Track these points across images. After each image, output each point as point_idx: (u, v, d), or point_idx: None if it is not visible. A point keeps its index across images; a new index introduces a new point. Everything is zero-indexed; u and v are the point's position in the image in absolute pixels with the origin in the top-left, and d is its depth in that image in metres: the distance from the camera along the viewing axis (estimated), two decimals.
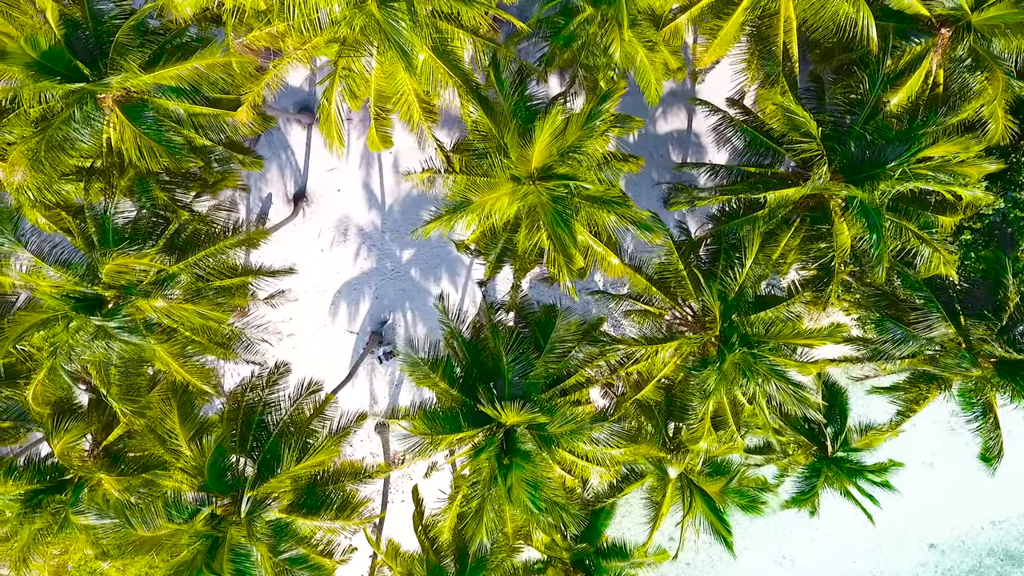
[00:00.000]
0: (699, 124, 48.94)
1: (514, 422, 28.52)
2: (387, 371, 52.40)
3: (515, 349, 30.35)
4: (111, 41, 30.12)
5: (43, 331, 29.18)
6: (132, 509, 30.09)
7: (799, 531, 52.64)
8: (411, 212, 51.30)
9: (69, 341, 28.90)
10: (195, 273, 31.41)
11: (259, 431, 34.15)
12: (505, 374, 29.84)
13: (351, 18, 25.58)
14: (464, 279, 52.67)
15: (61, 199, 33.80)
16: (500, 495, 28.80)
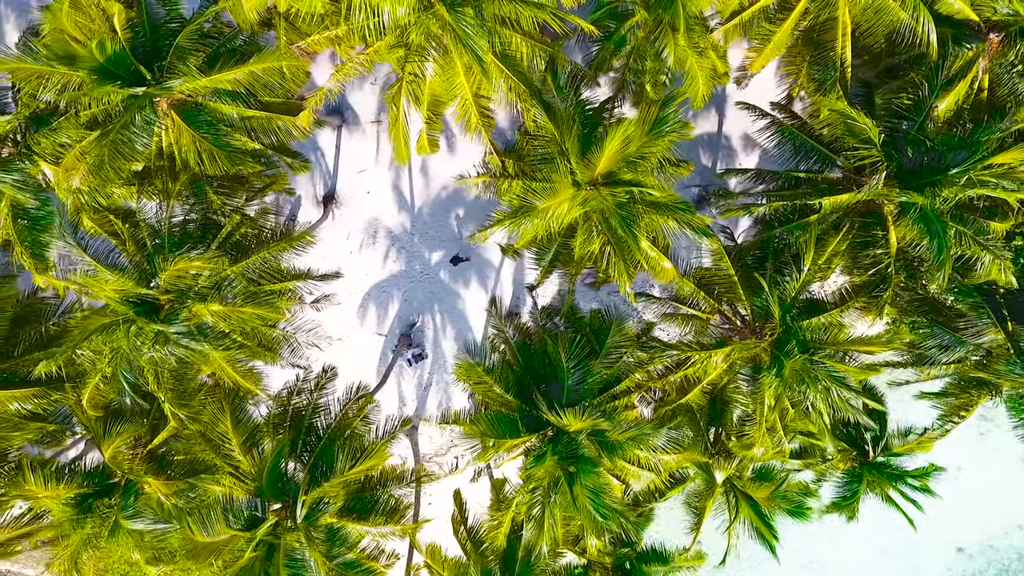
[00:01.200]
0: (728, 128, 48.99)
1: (578, 428, 28.46)
2: (415, 373, 52.35)
3: (576, 355, 30.27)
4: (167, 45, 30.00)
5: (103, 336, 28.96)
6: (191, 514, 29.95)
7: (825, 535, 52.56)
8: (440, 215, 51.28)
9: (130, 346, 28.72)
10: (247, 277, 31.26)
11: (307, 435, 34.00)
12: (564, 379, 29.77)
13: (424, 22, 25.47)
14: (493, 282, 52.62)
15: (110, 202, 33.69)
16: (565, 502, 28.73)
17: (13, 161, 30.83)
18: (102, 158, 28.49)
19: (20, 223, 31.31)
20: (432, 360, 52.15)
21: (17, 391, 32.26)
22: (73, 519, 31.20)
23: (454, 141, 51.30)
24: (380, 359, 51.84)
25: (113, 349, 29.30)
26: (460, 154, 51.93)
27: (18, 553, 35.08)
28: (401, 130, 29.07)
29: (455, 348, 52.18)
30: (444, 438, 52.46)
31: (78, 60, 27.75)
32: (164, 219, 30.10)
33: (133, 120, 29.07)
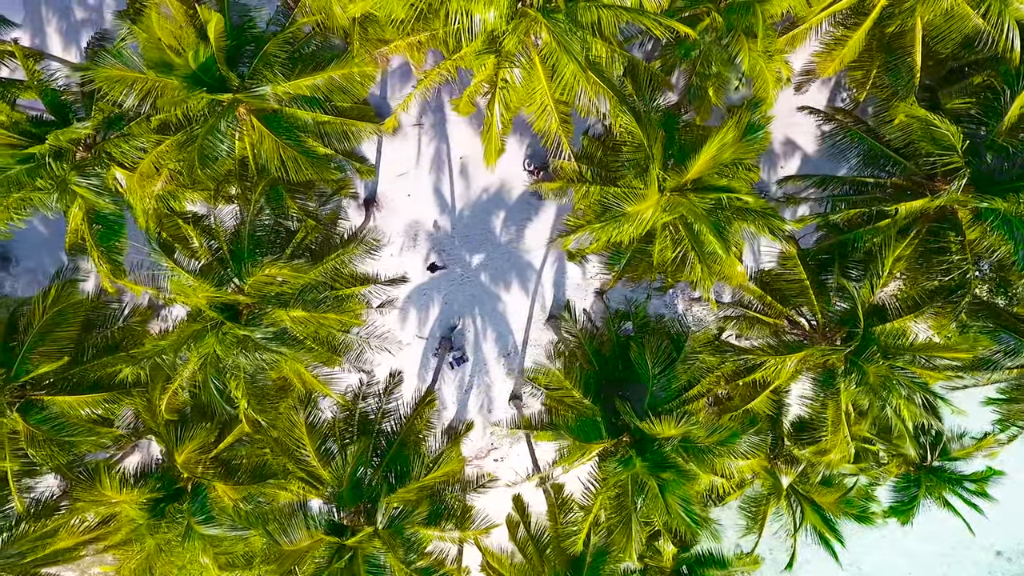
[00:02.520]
0: (776, 132, 49.05)
1: (670, 435, 28.52)
2: (455, 377, 52.44)
3: (662, 360, 30.32)
4: (248, 51, 29.97)
5: (195, 342, 28.97)
6: (271, 520, 29.94)
7: (863, 537, 52.74)
8: (481, 217, 51.36)
9: (218, 351, 28.71)
10: (323, 282, 31.29)
11: (376, 439, 34.05)
12: (649, 385, 29.78)
13: (525, 27, 25.54)
14: (534, 284, 52.75)
15: (179, 207, 33.72)
16: (656, 508, 28.79)
17: (90, 166, 30.68)
18: (190, 163, 28.40)
19: (96, 228, 31.19)
20: (472, 363, 52.16)
21: (88, 396, 32.25)
22: (150, 524, 30.93)
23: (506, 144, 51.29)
24: (421, 362, 51.87)
25: (202, 355, 29.24)
26: (501, 158, 51.87)
27: (81, 558, 34.94)
28: (495, 136, 29.03)
29: (496, 351, 52.26)
30: (484, 441, 52.59)
31: (174, 67, 27.61)
32: (246, 224, 30.03)
33: (218, 126, 28.98)
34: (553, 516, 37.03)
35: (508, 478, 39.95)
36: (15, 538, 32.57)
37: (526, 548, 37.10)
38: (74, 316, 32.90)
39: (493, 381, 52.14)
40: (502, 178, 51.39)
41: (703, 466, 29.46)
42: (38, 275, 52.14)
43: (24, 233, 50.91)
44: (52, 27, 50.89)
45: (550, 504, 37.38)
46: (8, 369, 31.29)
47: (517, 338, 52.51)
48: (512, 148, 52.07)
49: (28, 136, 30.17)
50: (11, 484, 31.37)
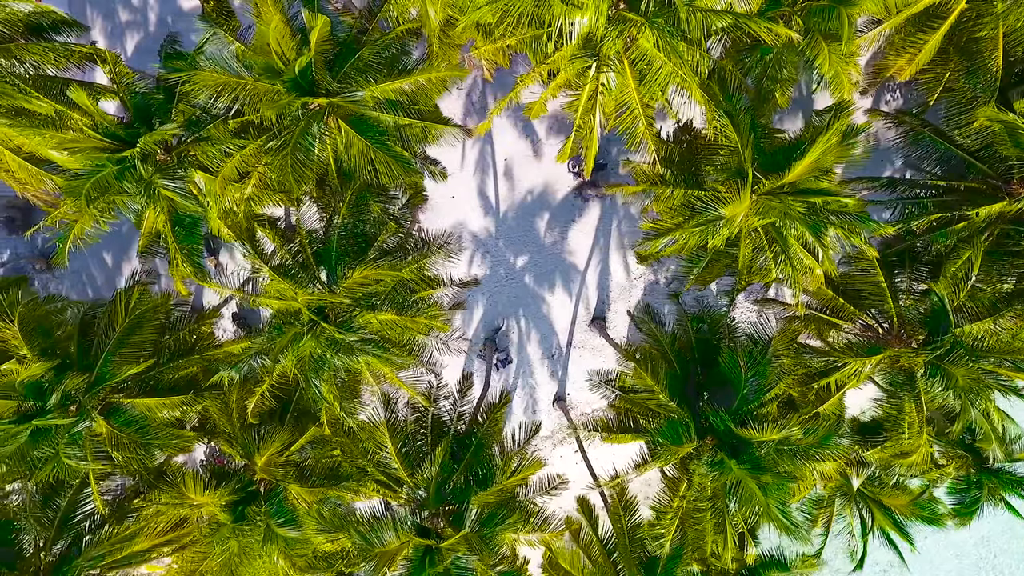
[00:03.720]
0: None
1: (770, 439, 28.64)
2: (499, 378, 52.54)
3: (753, 364, 30.42)
4: (338, 55, 30.01)
5: (295, 345, 29.02)
6: (363, 523, 30.04)
7: None
8: (525, 219, 51.47)
9: (319, 353, 28.75)
10: (403, 285, 31.38)
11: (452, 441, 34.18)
12: (741, 388, 29.86)
13: (628, 32, 25.67)
14: (578, 286, 52.89)
15: (257, 210, 33.80)
16: (751, 509, 28.90)
17: (173, 169, 30.70)
18: (283, 167, 28.41)
19: (178, 230, 31.21)
20: (516, 365, 52.25)
21: (167, 398, 32.21)
22: (234, 527, 30.96)
23: (539, 146, 51.52)
24: (465, 363, 51.94)
25: (300, 357, 29.27)
26: (545, 159, 52.16)
27: (151, 561, 34.97)
28: (595, 140, 29.10)
29: (540, 353, 52.36)
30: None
31: (277, 72, 27.65)
32: (335, 227, 30.08)
33: (310, 130, 29.02)
34: (618, 518, 37.01)
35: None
36: (98, 540, 32.54)
37: (590, 550, 37.11)
38: (153, 319, 32.87)
39: (537, 383, 52.26)
40: (546, 180, 51.56)
41: (798, 469, 29.55)
42: (82, 276, 52.11)
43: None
44: (97, 29, 50.97)
45: (614, 506, 37.41)
46: (90, 372, 31.08)
47: (561, 340, 52.65)
48: (556, 150, 52.19)
49: (114, 139, 30.11)
50: (93, 487, 31.33)
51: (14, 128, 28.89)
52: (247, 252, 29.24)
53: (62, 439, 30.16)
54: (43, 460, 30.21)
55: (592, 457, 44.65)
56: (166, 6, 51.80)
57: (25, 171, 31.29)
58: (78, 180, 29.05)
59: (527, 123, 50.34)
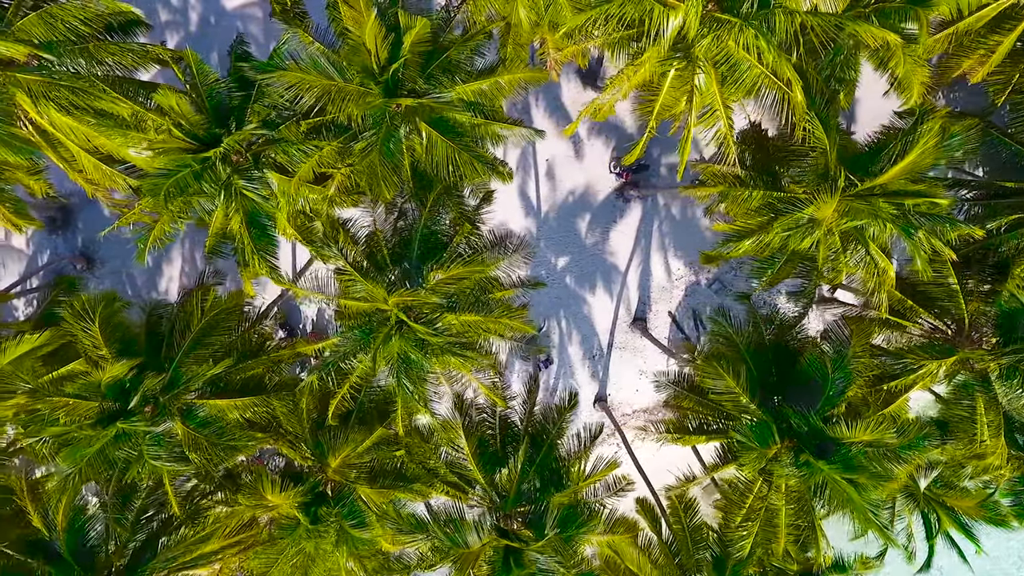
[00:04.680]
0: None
1: (861, 439, 28.67)
2: (541, 379, 52.50)
3: (839, 365, 30.46)
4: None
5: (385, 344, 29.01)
6: (442, 525, 30.04)
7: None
8: (566, 219, 51.55)
9: (405, 355, 28.74)
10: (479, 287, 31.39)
11: (517, 442, 34.20)
12: (827, 389, 29.88)
13: (726, 35, 25.73)
14: (619, 286, 52.95)
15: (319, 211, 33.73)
16: (842, 511, 28.94)
17: (249, 169, 30.66)
18: (372, 168, 28.34)
19: (254, 231, 31.16)
20: (557, 365, 52.30)
21: (239, 400, 32.21)
22: (311, 528, 30.91)
23: (581, 146, 51.57)
24: (506, 364, 51.97)
25: (388, 358, 29.25)
26: (587, 160, 52.21)
27: (216, 561, 34.91)
28: (689, 140, 29.09)
29: (581, 354, 52.43)
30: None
31: (370, 72, 27.63)
32: (418, 228, 30.06)
33: (396, 131, 28.98)
34: (678, 519, 37.06)
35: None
36: (175, 541, 32.49)
37: (651, 551, 37.12)
38: (226, 320, 32.77)
39: (579, 384, 52.30)
40: (588, 180, 51.63)
41: (887, 470, 29.60)
42: (122, 276, 52.02)
43: (108, 234, 50.78)
44: None
45: (672, 507, 37.44)
46: (164, 373, 31.03)
47: (602, 341, 52.70)
48: (598, 150, 52.30)
49: (195, 140, 30.08)
50: (168, 488, 31.27)
51: (98, 129, 28.72)
52: (333, 254, 29.13)
53: (143, 441, 30.05)
54: (125, 461, 30.00)
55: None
56: (208, 5, 51.73)
57: (99, 172, 31.18)
58: (158, 180, 28.89)
59: (568, 123, 50.28)
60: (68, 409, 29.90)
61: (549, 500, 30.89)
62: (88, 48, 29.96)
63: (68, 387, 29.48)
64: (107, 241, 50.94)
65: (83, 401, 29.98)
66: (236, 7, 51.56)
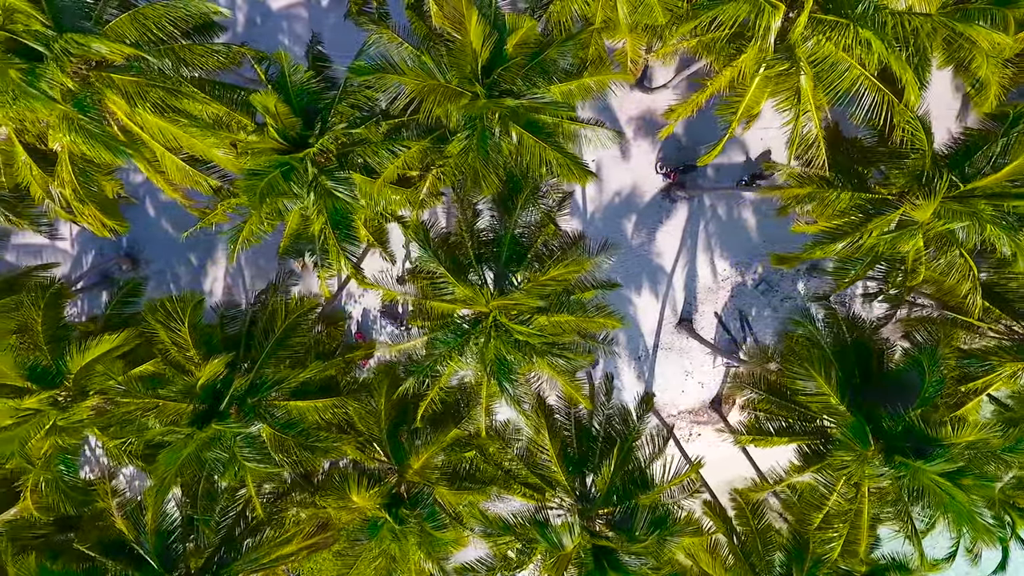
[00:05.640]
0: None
1: (963, 440, 28.65)
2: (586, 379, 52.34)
3: (934, 367, 30.42)
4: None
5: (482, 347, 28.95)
6: (527, 527, 29.98)
7: None
8: (612, 220, 51.51)
9: (504, 356, 28.63)
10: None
11: (592, 443, 34.19)
12: (924, 390, 29.82)
13: (833, 35, 25.72)
14: (665, 287, 52.92)
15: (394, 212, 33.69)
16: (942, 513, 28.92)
17: (335, 170, 30.56)
18: (473, 168, 28.26)
19: (339, 232, 31.04)
20: (603, 366, 52.27)
21: (319, 401, 32.15)
22: (399, 530, 30.81)
23: (627, 147, 51.51)
24: None
25: (489, 360, 29.15)
26: (633, 160, 52.18)
27: (291, 562, 34.82)
28: (799, 135, 29.01)
29: (627, 354, 52.40)
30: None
31: (467, 74, 27.59)
32: (509, 229, 29.96)
33: (491, 132, 28.89)
34: (745, 520, 37.07)
35: None
36: (259, 543, 32.36)
37: (719, 552, 37.10)
38: (305, 321, 32.65)
39: (624, 385, 52.25)
40: (634, 181, 51.57)
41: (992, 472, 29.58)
42: (167, 276, 51.88)
43: (153, 235, 50.68)
44: None
45: (739, 509, 37.45)
46: (249, 375, 30.93)
47: (648, 341, 52.62)
48: (644, 151, 52.26)
49: (284, 140, 29.97)
50: (251, 490, 31.19)
51: (187, 130, 28.57)
52: (426, 256, 29.05)
53: (234, 443, 29.91)
54: (216, 462, 29.87)
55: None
56: (254, 6, 51.59)
57: (182, 173, 31.02)
58: (253, 181, 28.74)
59: (614, 124, 50.37)
60: (158, 411, 29.69)
61: (637, 501, 30.69)
62: (174, 49, 29.70)
63: (163, 389, 29.20)
64: (151, 241, 50.85)
65: (171, 403, 29.76)
66: (282, 7, 51.43)
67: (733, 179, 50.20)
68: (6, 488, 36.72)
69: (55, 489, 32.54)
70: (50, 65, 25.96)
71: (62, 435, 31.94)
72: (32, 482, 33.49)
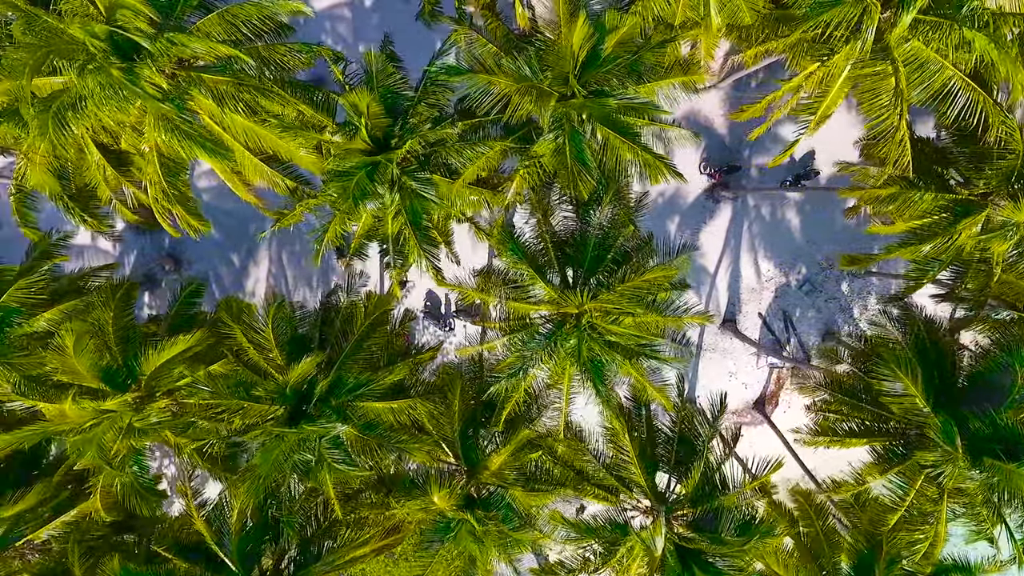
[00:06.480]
0: None
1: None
2: None
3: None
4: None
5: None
6: (613, 529, 29.98)
7: None
8: (655, 220, 51.41)
9: (597, 358, 28.57)
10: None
11: (668, 443, 34.18)
12: (1014, 392, 29.77)
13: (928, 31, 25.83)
14: (708, 288, 52.96)
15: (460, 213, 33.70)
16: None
17: (416, 170, 30.48)
18: (569, 168, 28.19)
19: (419, 232, 30.93)
20: None
21: (394, 403, 32.01)
22: (480, 531, 30.75)
23: (670, 147, 51.35)
24: None
25: (583, 362, 29.09)
26: (677, 160, 52.06)
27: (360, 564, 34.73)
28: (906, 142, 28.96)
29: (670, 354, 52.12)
30: None
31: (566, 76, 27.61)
32: (594, 229, 29.92)
33: (583, 132, 28.84)
34: (810, 522, 37.08)
35: None
36: (340, 545, 32.28)
37: (782, 554, 37.07)
38: (381, 322, 32.55)
39: None
40: (676, 182, 51.41)
41: None
42: (209, 276, 51.76)
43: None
44: None
45: (802, 509, 37.44)
46: (329, 377, 30.85)
47: (691, 342, 52.60)
48: (688, 151, 52.23)
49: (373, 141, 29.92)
50: (331, 491, 31.00)
51: (272, 130, 28.43)
52: (513, 259, 28.95)
53: (320, 444, 29.79)
54: (303, 464, 29.76)
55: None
56: None
57: (260, 173, 30.84)
58: (343, 182, 28.64)
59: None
60: (243, 412, 29.57)
61: (720, 502, 30.66)
62: (258, 49, 29.58)
63: (255, 390, 29.08)
64: (193, 242, 50.58)
65: (257, 404, 29.65)
66: (325, 8, 51.31)
67: (777, 180, 50.05)
68: (68, 491, 36.59)
69: (131, 491, 32.25)
70: (149, 64, 25.73)
71: (136, 436, 31.64)
72: (103, 483, 33.25)
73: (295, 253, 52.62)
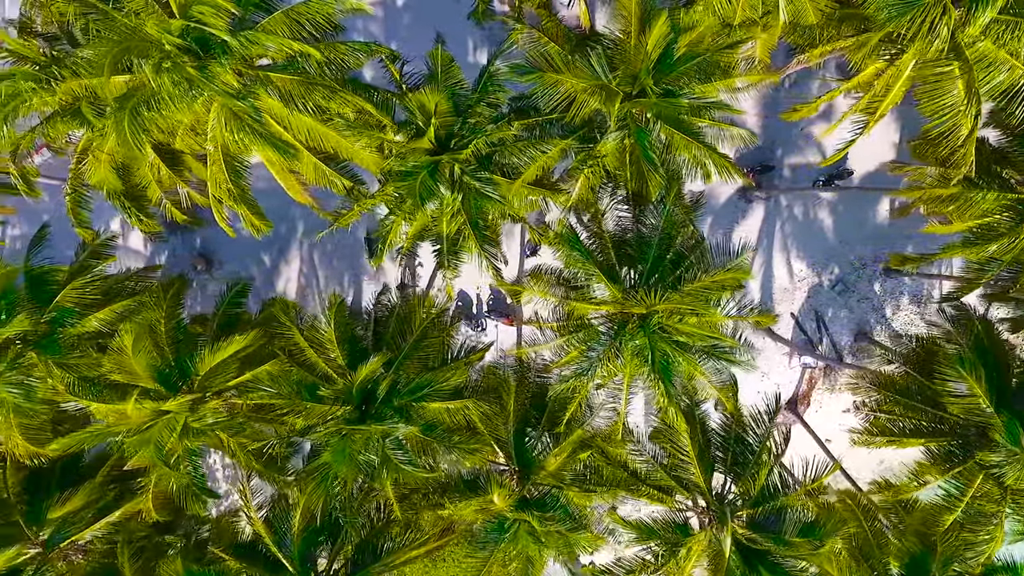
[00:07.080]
0: None
1: None
2: None
3: None
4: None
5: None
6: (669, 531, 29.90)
7: None
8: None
9: (667, 357, 28.45)
10: None
11: (727, 444, 34.08)
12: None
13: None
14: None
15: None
16: None
17: (476, 170, 30.36)
18: (638, 168, 28.09)
19: (479, 232, 30.80)
20: None
21: (451, 403, 31.91)
22: (541, 531, 30.64)
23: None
24: None
25: (646, 360, 28.99)
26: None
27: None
28: (973, 140, 28.87)
29: None
30: None
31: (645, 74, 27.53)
32: (660, 228, 29.82)
33: (648, 131, 28.74)
34: (859, 523, 37.02)
35: None
36: (398, 547, 32.17)
37: (833, 554, 36.95)
38: (436, 323, 32.43)
39: (698, 385, 51.89)
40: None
41: None
42: (241, 276, 51.61)
43: (227, 235, 50.26)
44: None
45: (850, 510, 37.41)
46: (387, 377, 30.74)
47: None
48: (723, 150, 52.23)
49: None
50: (389, 491, 30.90)
51: (336, 129, 28.27)
52: (578, 259, 28.85)
53: (383, 444, 29.68)
54: (367, 464, 29.65)
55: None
56: None
57: (318, 173, 30.68)
58: (409, 182, 28.52)
59: None
60: (306, 413, 29.45)
61: (782, 502, 30.59)
62: (320, 48, 29.42)
63: (321, 389, 28.96)
64: (225, 242, 50.45)
65: (318, 405, 29.53)
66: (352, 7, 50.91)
67: (810, 179, 49.97)
68: (114, 491, 36.44)
69: (186, 490, 32.12)
70: (221, 62, 25.57)
71: (191, 437, 31.52)
72: (154, 482, 33.12)
73: (327, 253, 52.48)
